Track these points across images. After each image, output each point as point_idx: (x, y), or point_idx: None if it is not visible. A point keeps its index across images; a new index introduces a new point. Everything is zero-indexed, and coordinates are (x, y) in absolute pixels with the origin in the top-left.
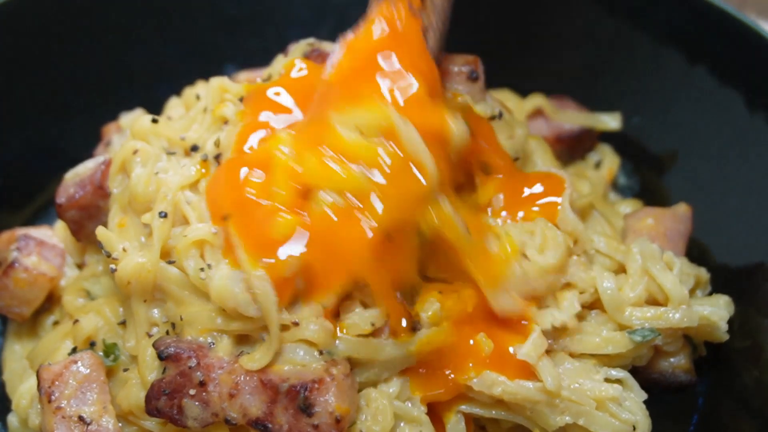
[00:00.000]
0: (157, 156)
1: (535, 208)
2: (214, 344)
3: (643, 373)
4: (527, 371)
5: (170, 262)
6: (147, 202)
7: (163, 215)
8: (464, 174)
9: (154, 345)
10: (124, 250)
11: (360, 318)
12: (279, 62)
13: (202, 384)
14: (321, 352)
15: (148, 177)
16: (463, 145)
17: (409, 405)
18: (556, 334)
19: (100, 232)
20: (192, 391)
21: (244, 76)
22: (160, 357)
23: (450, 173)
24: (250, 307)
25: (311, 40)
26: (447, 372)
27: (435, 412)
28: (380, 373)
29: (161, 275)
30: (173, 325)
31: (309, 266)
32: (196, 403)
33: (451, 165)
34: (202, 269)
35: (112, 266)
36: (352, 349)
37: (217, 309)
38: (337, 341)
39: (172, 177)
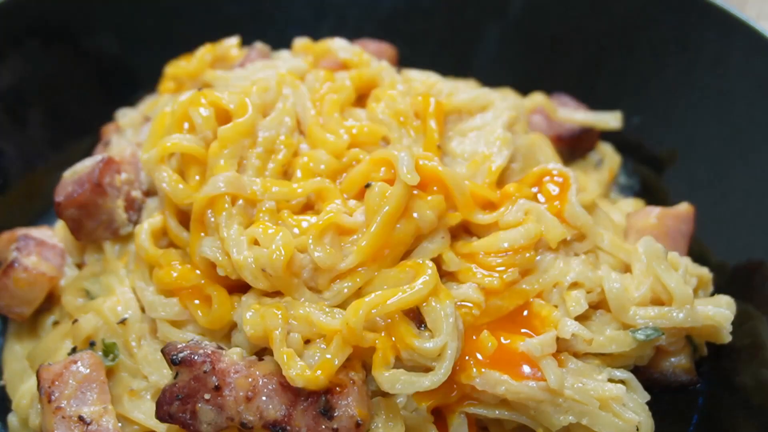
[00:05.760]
0: None
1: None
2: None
3: (644, 372)
4: (531, 372)
5: None
6: None
7: None
8: None
9: (163, 351)
10: None
11: None
12: None
13: (218, 388)
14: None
15: None
16: None
17: (417, 415)
18: (565, 343)
19: None
20: (207, 396)
21: None
22: (173, 362)
23: None
24: None
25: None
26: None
27: (439, 412)
28: None
29: None
30: None
31: None
32: (211, 407)
33: None
34: None
35: None
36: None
37: None
38: None
39: None
